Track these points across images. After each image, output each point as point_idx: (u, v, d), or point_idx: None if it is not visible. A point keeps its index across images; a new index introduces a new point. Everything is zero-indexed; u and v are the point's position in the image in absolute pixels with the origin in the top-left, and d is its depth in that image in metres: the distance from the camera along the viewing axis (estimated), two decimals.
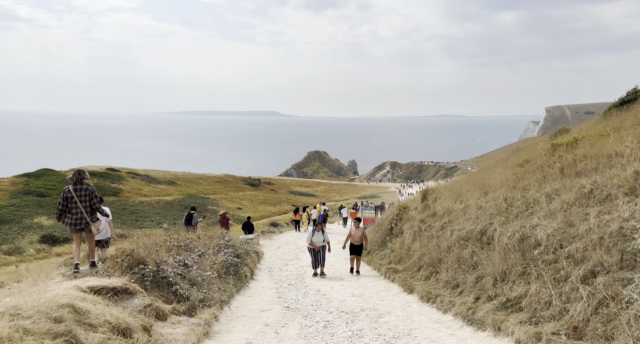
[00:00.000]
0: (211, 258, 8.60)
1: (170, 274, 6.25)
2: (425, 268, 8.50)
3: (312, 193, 78.63)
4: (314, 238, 11.21)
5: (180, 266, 7.22)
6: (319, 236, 11.25)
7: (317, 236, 11.22)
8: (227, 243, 11.05)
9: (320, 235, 11.30)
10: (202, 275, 7.45)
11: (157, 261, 6.39)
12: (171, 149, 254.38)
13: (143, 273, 5.92)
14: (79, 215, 6.20)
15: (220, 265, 8.77)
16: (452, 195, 15.91)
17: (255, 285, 10.22)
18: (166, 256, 7.27)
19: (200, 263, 8.15)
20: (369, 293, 8.64)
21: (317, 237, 11.21)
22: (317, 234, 11.25)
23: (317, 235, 11.24)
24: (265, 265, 13.70)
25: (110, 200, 54.16)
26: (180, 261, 7.22)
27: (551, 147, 15.29)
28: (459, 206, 10.74)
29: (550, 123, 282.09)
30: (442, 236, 9.33)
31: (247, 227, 18.55)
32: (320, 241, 11.28)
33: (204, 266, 8.05)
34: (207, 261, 8.37)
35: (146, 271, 5.93)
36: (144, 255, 6.16)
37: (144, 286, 5.81)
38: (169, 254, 7.49)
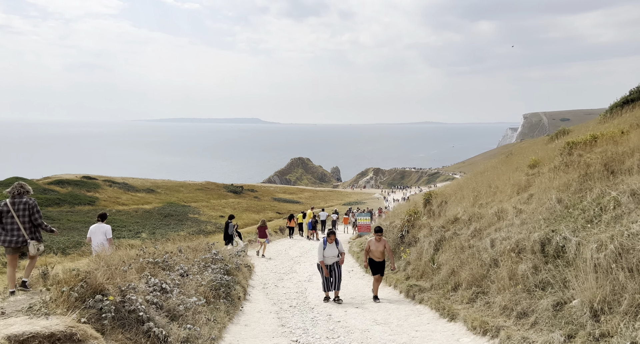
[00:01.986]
0: (196, 278, 6.78)
1: (141, 306, 4.45)
2: (466, 288, 6.85)
3: (297, 200, 77.04)
4: (327, 251, 9.05)
5: (156, 291, 5.40)
6: (332, 249, 9.08)
7: (329, 249, 9.08)
8: (215, 256, 9.21)
9: (334, 248, 9.09)
10: (185, 302, 5.64)
11: (123, 287, 4.58)
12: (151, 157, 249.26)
13: (100, 307, 4.11)
14: (16, 231, 5.54)
15: (209, 287, 6.95)
16: (463, 198, 14.41)
17: (250, 307, 8.40)
18: (137, 278, 5.46)
19: (183, 285, 6.33)
20: (396, 320, 6.93)
21: (330, 250, 9.07)
22: (329, 246, 9.08)
23: (330, 247, 9.08)
24: (258, 281, 11.87)
25: (86, 209, 51.43)
26: (156, 286, 5.40)
27: (566, 146, 13.97)
28: (489, 211, 9.16)
29: (527, 129, 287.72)
30: (478, 246, 7.72)
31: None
32: (334, 256, 9.10)
33: (188, 290, 6.24)
34: (191, 282, 6.55)
35: (105, 305, 4.13)
36: (103, 280, 4.36)
37: (101, 326, 4.01)
38: (141, 275, 5.66)
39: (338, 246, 9.20)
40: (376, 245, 9.04)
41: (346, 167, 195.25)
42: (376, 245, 9.04)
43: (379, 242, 9.06)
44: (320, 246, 9.22)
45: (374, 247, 9.05)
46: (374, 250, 9.05)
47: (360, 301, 8.85)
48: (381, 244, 9.06)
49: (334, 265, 9.16)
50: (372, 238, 9.24)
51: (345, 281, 11.55)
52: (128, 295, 4.47)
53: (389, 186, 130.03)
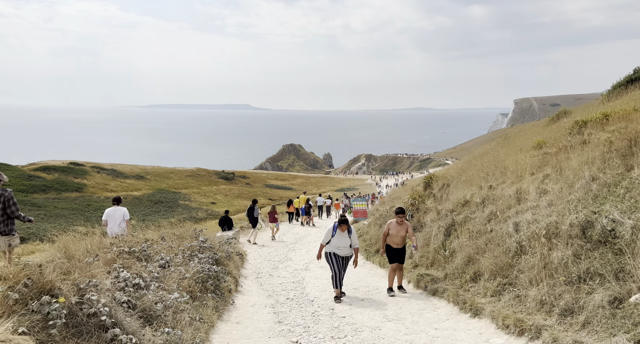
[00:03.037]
0: (179, 270, 5.84)
1: (104, 308, 3.52)
2: (489, 278, 6.00)
3: (289, 187, 76.35)
4: (335, 240, 7.63)
5: (128, 287, 4.47)
6: (343, 240, 7.62)
7: (339, 238, 7.62)
8: (203, 244, 8.27)
9: (346, 238, 7.62)
10: (165, 299, 4.72)
11: (82, 285, 3.64)
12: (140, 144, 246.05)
13: (48, 311, 3.18)
14: None
15: (194, 279, 6.02)
16: (469, 180, 13.59)
17: (243, 301, 7.51)
18: (104, 272, 4.52)
19: (163, 278, 5.39)
20: (410, 315, 6.08)
21: (341, 240, 7.62)
22: (339, 235, 7.63)
23: (341, 237, 7.63)
24: (251, 270, 10.98)
25: (73, 195, 50.20)
26: (128, 281, 4.47)
27: (575, 125, 13.28)
28: (505, 192, 8.30)
29: (518, 115, 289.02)
30: (497, 231, 6.87)
31: (226, 223, 15.74)
32: (345, 247, 7.65)
33: (169, 284, 5.31)
34: (173, 274, 5.61)
35: (53, 309, 3.19)
36: (53, 277, 3.41)
37: (47, 337, 3.08)
38: (110, 269, 4.72)
39: (351, 237, 7.69)
40: (397, 229, 7.67)
41: (338, 153, 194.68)
42: (397, 228, 7.68)
43: (401, 225, 7.70)
44: (327, 233, 7.80)
45: (395, 231, 7.68)
46: (394, 235, 7.69)
47: (365, 293, 8.01)
48: (403, 228, 7.69)
49: (346, 260, 7.79)
50: (393, 221, 7.84)
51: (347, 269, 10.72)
52: (88, 295, 3.54)
53: (381, 172, 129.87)
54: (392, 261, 7.87)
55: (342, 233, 7.66)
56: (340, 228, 7.65)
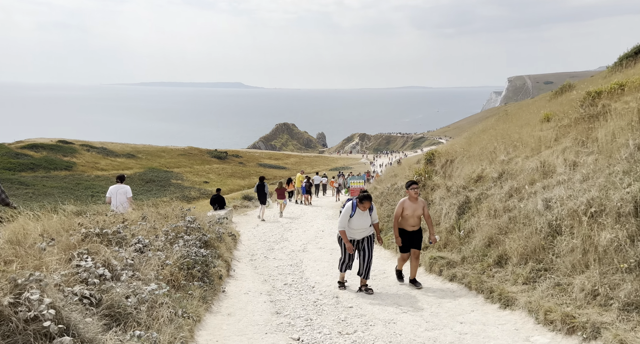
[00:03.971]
0: (158, 256, 4.97)
1: (47, 310, 2.66)
2: (518, 263, 5.21)
3: (283, 166, 75.58)
4: (355, 221, 6.27)
5: (92, 279, 3.61)
6: (364, 219, 6.28)
7: (359, 218, 6.26)
8: (190, 225, 7.40)
9: (366, 217, 6.30)
10: (140, 291, 3.87)
11: (20, 279, 2.77)
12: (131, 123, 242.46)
13: None
14: None
15: (178, 266, 5.18)
16: (475, 155, 12.78)
17: (235, 287, 6.71)
18: (61, 260, 3.65)
19: (139, 265, 4.53)
20: (427, 305, 5.31)
21: (361, 220, 6.27)
22: (360, 215, 6.26)
23: (361, 216, 6.26)
24: (245, 251, 10.18)
25: (62, 174, 49.07)
26: (90, 270, 3.60)
27: (587, 97, 12.50)
28: (527, 165, 7.48)
29: (512, 93, 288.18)
30: (522, 209, 6.07)
31: (217, 202, 14.87)
32: (365, 228, 6.32)
33: (146, 272, 4.45)
34: (152, 260, 4.75)
35: None
36: None
37: None
38: (69, 255, 3.84)
39: (372, 215, 6.37)
40: (413, 208, 6.28)
41: (332, 132, 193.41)
42: (413, 207, 6.29)
43: (416, 202, 6.33)
44: (345, 213, 6.30)
45: (410, 211, 6.27)
46: (409, 215, 6.28)
47: (371, 278, 7.22)
48: (419, 205, 6.34)
49: (364, 242, 6.39)
50: (405, 199, 6.46)
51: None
52: (27, 293, 2.68)
53: (375, 151, 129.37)
54: (405, 247, 6.45)
55: (363, 212, 6.24)
56: (362, 206, 6.18)
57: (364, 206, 6.18)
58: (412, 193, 6.41)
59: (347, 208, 6.33)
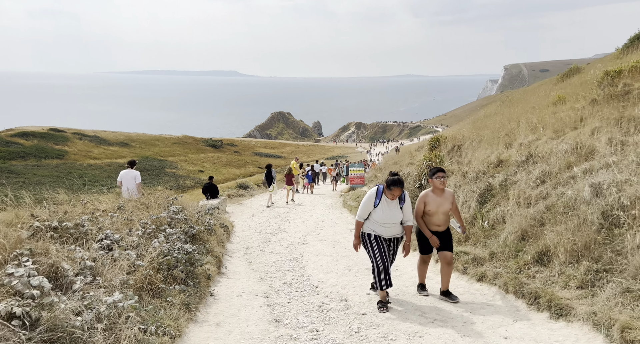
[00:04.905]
0: (127, 255, 4.02)
1: None
2: (567, 261, 4.31)
3: (279, 155, 74.72)
4: (380, 213, 4.74)
5: (30, 290, 2.68)
6: (393, 212, 4.74)
7: (387, 209, 4.73)
8: (175, 215, 6.47)
9: (396, 209, 4.75)
10: (96, 305, 2.96)
11: None
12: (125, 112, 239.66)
13: None
14: None
15: (155, 266, 4.25)
16: (488, 139, 11.88)
17: (227, 288, 5.80)
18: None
19: (102, 269, 3.60)
20: (456, 312, 4.42)
21: (389, 213, 4.73)
22: (387, 205, 4.73)
23: (389, 207, 4.73)
24: (239, 244, 9.27)
25: (54, 162, 47.95)
26: (22, 279, 2.65)
27: (606, 76, 11.69)
28: (560, 147, 6.57)
29: (508, 81, 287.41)
30: (561, 197, 5.18)
31: (210, 190, 13.92)
32: (394, 224, 4.79)
33: (110, 277, 3.52)
34: (120, 261, 3.82)
35: None
36: None
37: None
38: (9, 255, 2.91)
39: (404, 209, 4.77)
40: (438, 202, 4.86)
41: (327, 121, 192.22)
42: (438, 201, 4.86)
43: (442, 195, 4.91)
44: (367, 201, 4.79)
45: (435, 206, 4.85)
46: (434, 212, 4.86)
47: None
48: (446, 199, 4.92)
49: (391, 245, 4.89)
50: (428, 192, 5.00)
51: (348, 242, 9.07)
52: None
53: (371, 140, 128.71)
54: (427, 249, 5.09)
55: (392, 201, 4.71)
56: (390, 194, 4.62)
57: (393, 194, 4.62)
58: (438, 184, 4.89)
59: (369, 195, 4.77)
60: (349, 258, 7.65)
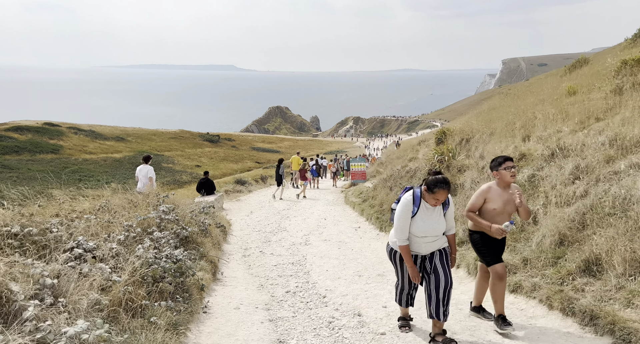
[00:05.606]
0: (103, 270, 3.31)
1: None
2: (627, 273, 3.65)
3: (277, 150, 74.13)
4: (420, 222, 3.62)
5: None
6: (434, 219, 3.65)
7: (428, 219, 3.63)
8: (165, 216, 5.78)
9: (438, 216, 3.66)
10: (51, 339, 2.28)
11: None
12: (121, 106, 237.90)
13: None
14: None
15: (137, 280, 3.56)
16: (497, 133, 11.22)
17: (223, 299, 5.13)
18: None
19: (66, 287, 2.91)
20: (492, 332, 3.77)
21: (430, 221, 3.63)
22: (428, 213, 3.62)
23: (430, 216, 3.63)
24: (237, 245, 8.60)
25: (49, 157, 47.19)
26: None
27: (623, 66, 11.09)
28: (595, 139, 5.90)
29: (506, 75, 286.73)
30: (605, 195, 4.52)
31: (205, 187, 13.22)
32: (436, 235, 3.69)
33: (76, 298, 2.83)
34: (91, 278, 3.12)
35: None
36: None
37: None
38: None
39: (447, 215, 3.74)
40: (504, 199, 3.82)
41: (325, 116, 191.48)
42: (504, 198, 3.82)
43: (505, 190, 3.85)
44: (404, 210, 3.62)
45: (500, 203, 3.81)
46: (498, 211, 3.81)
47: None
48: (510, 195, 3.84)
49: (435, 260, 3.72)
50: (492, 185, 3.92)
51: (355, 243, 8.40)
52: None
53: (369, 135, 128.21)
54: (498, 259, 3.84)
55: (434, 208, 3.62)
56: (432, 198, 3.53)
57: (437, 198, 3.49)
58: (508, 177, 3.80)
59: (404, 203, 3.61)
60: (357, 261, 6.99)
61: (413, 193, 3.68)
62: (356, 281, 5.82)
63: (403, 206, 3.63)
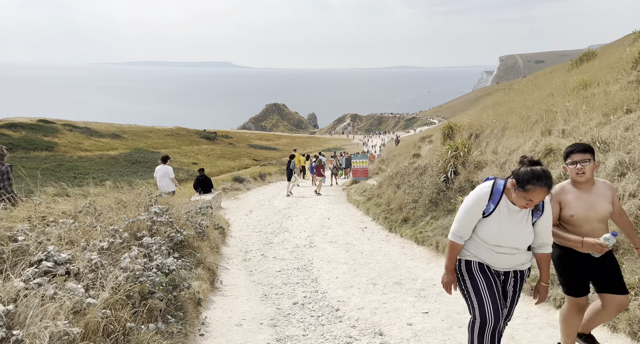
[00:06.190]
0: (75, 291, 2.70)
1: None
2: None
3: (274, 147, 73.57)
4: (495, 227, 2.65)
5: None
6: (520, 229, 2.65)
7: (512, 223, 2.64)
8: (157, 218, 5.14)
9: (526, 224, 2.65)
10: None
11: None
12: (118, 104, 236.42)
13: None
14: None
15: (119, 300, 2.95)
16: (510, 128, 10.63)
17: (222, 313, 4.51)
18: None
19: (27, 311, 2.30)
20: None
21: (511, 229, 2.64)
22: (510, 216, 2.64)
23: (515, 220, 2.64)
24: (237, 247, 7.98)
25: (43, 155, 46.44)
26: None
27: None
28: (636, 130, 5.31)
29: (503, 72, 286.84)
30: None
31: (202, 185, 12.58)
32: (519, 247, 2.68)
33: (34, 332, 2.23)
34: (57, 302, 2.50)
35: None
36: None
37: None
38: None
39: (538, 222, 2.68)
40: (588, 202, 2.91)
41: (323, 113, 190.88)
42: (586, 199, 2.92)
43: (592, 191, 2.95)
44: (473, 206, 2.68)
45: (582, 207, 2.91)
46: (583, 217, 2.90)
47: (418, 292, 5.05)
48: (602, 196, 2.91)
49: (510, 283, 2.79)
50: (565, 184, 3.02)
51: (363, 245, 7.80)
52: None
53: (367, 132, 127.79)
54: (580, 289, 2.99)
55: (518, 211, 2.66)
56: (523, 198, 2.54)
57: (531, 198, 2.51)
58: (574, 175, 2.93)
59: (476, 195, 2.71)
60: (368, 267, 6.38)
61: (493, 185, 2.68)
62: (371, 290, 5.21)
63: (474, 199, 2.68)
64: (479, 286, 2.67)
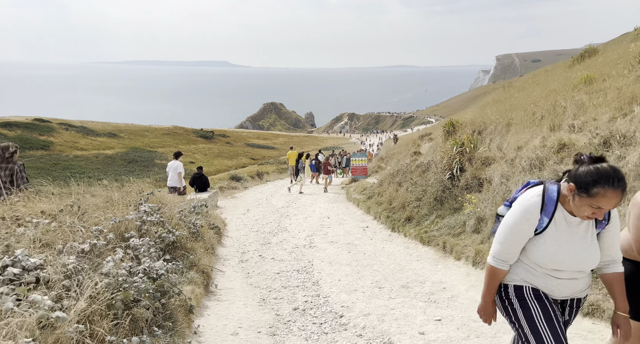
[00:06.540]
0: (40, 304, 2.37)
1: None
2: None
3: (272, 146, 73.17)
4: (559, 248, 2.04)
5: None
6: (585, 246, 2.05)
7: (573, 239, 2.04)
8: (147, 218, 4.79)
9: (590, 239, 2.06)
10: None
11: None
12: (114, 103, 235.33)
13: None
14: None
15: (98, 311, 2.60)
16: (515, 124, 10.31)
17: (216, 320, 4.16)
18: None
19: None
20: None
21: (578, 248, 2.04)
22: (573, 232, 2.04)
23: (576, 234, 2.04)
24: (233, 248, 7.62)
25: (39, 154, 45.95)
26: None
27: None
28: None
29: (500, 71, 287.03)
30: None
31: (198, 183, 12.21)
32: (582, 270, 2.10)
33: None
34: (18, 318, 2.16)
35: None
36: None
37: None
38: None
39: (604, 233, 2.10)
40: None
41: (320, 112, 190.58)
42: None
43: None
44: (521, 220, 2.07)
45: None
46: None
47: (427, 296, 4.72)
48: None
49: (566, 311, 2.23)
50: None
51: (366, 246, 7.45)
52: None
53: (364, 131, 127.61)
54: None
55: (579, 222, 2.05)
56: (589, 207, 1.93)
57: (600, 205, 1.91)
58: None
59: (524, 208, 2.09)
60: (372, 268, 6.03)
61: (544, 192, 2.09)
62: (377, 294, 4.86)
63: (521, 212, 2.09)
64: (534, 316, 2.08)
